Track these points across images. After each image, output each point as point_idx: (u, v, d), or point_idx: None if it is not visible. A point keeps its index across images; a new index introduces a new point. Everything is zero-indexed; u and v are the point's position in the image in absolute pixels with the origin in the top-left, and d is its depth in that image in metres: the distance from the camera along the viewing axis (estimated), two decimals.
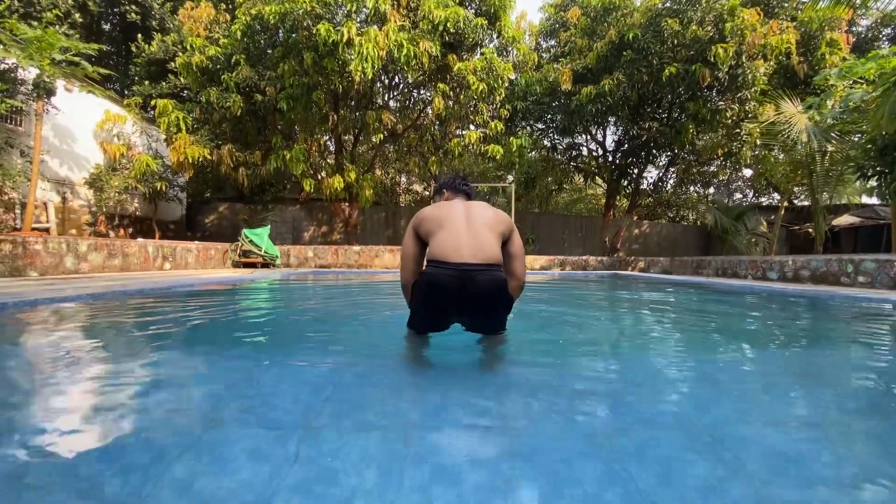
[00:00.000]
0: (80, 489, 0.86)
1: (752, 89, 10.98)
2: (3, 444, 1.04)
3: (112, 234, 10.96)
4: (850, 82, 8.47)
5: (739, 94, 11.32)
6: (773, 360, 2.18)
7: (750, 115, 11.67)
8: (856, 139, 9.00)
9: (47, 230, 8.58)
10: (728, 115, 11.83)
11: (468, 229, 1.94)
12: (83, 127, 10.39)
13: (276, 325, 3.06)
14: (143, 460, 0.97)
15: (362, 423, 1.22)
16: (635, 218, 17.27)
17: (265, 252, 9.69)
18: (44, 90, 7.78)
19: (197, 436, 1.10)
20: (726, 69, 10.57)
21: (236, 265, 9.72)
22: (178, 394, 1.47)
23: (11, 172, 7.98)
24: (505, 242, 2.06)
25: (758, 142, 11.77)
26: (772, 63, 11.05)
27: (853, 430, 1.27)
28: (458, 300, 1.86)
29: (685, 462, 1.00)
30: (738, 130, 12.38)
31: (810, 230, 14.02)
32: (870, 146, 7.33)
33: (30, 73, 8.14)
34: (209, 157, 10.05)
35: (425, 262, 2.00)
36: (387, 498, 0.82)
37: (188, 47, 10.16)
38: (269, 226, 10.81)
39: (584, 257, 12.30)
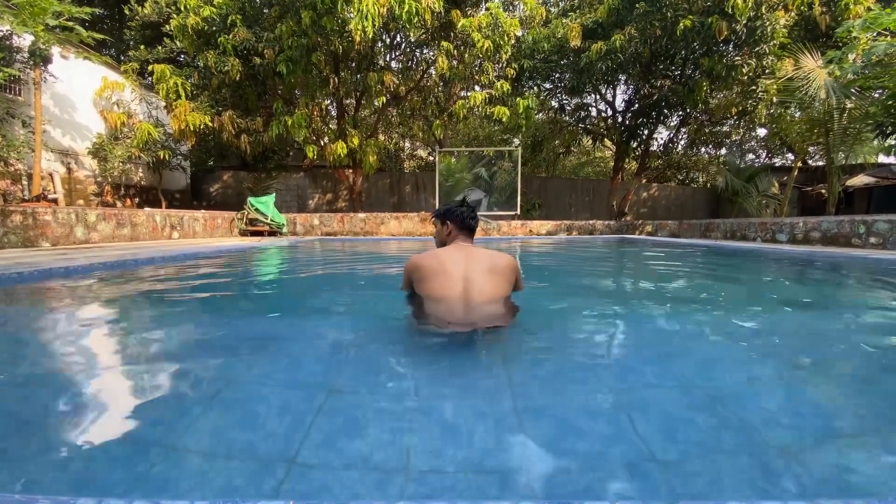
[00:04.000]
0: (114, 437, 0.91)
1: (771, 43, 10.46)
2: (45, 398, 1.10)
3: (119, 204, 11.01)
4: (874, 34, 8.03)
5: (757, 49, 10.79)
6: (772, 321, 2.19)
7: (767, 71, 11.18)
8: (876, 95, 8.64)
9: (55, 201, 8.64)
10: (744, 70, 11.33)
11: (468, 305, 1.75)
12: (82, 95, 10.24)
13: (289, 291, 3.12)
14: (171, 414, 1.02)
15: (377, 384, 1.26)
16: (644, 181, 16.98)
17: (271, 220, 9.72)
18: (40, 57, 7.62)
19: (221, 393, 1.15)
20: (744, 21, 10.04)
21: (243, 233, 9.78)
22: (199, 355, 1.52)
23: (15, 143, 7.95)
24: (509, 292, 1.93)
25: (774, 99, 11.34)
26: (793, 14, 10.47)
27: (845, 385, 1.30)
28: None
29: (683, 420, 1.03)
30: (753, 87, 11.90)
31: (823, 191, 13.73)
32: (891, 102, 7.04)
33: (24, 41, 7.95)
34: (210, 124, 9.91)
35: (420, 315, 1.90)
36: (404, 449, 0.86)
37: (182, 8, 9.81)
38: (274, 194, 10.79)
39: (590, 222, 12.21)
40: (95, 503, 0.62)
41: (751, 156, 20.11)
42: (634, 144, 14.44)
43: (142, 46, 11.39)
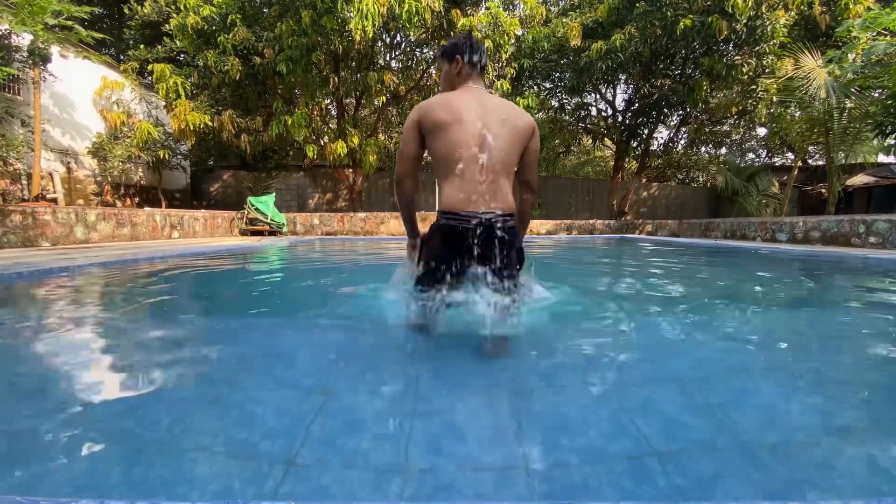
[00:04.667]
0: (114, 439, 0.91)
1: (771, 42, 10.46)
2: (41, 401, 1.10)
3: (119, 203, 11.01)
4: (874, 34, 8.04)
5: (757, 48, 10.80)
6: (772, 319, 2.19)
7: (767, 71, 11.19)
8: (876, 95, 8.65)
9: (55, 200, 8.64)
10: (744, 70, 11.34)
11: (486, 164, 1.61)
12: (82, 94, 10.23)
13: (290, 291, 3.12)
14: (172, 414, 1.02)
15: (376, 382, 1.26)
16: (644, 180, 16.98)
17: (271, 220, 9.72)
18: (39, 56, 7.62)
19: (221, 393, 1.15)
20: (744, 20, 10.05)
21: (243, 233, 9.78)
22: (200, 356, 1.52)
23: (14, 142, 7.95)
24: (523, 151, 1.77)
25: (774, 99, 11.35)
26: (793, 13, 10.47)
27: (843, 382, 1.30)
28: (470, 252, 1.65)
29: (684, 418, 1.03)
30: (753, 87, 11.91)
31: (823, 191, 13.74)
32: (890, 102, 7.05)
33: (24, 40, 7.95)
34: (210, 123, 9.91)
35: (437, 214, 1.75)
36: (401, 450, 0.87)
37: (182, 7, 9.80)
38: (274, 193, 10.78)
39: (590, 221, 12.21)
40: None
41: (751, 155, 20.12)
42: (634, 144, 14.45)
43: (141, 46, 11.40)
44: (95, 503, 0.62)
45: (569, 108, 14.70)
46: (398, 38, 11.68)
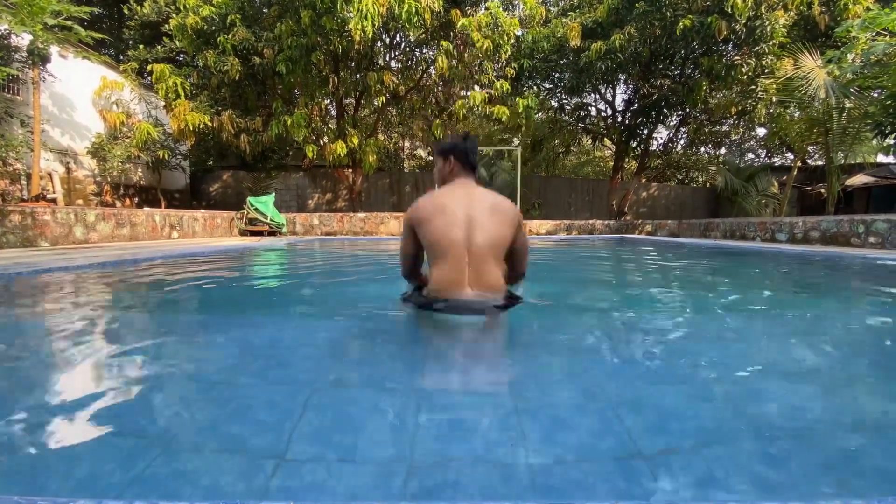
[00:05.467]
0: (111, 432, 0.91)
1: (770, 42, 10.47)
2: (42, 397, 1.10)
3: (118, 203, 11.00)
4: (873, 34, 8.05)
5: (756, 48, 10.81)
6: (772, 319, 2.19)
7: (766, 71, 11.20)
8: (875, 95, 8.65)
9: (54, 200, 8.63)
10: (743, 70, 11.34)
11: (471, 248, 1.70)
12: (81, 95, 10.22)
13: (288, 291, 3.11)
14: (167, 410, 1.02)
15: (370, 380, 1.26)
16: (643, 180, 16.98)
17: (271, 220, 9.72)
18: (38, 57, 7.62)
19: (219, 390, 1.15)
20: (744, 21, 10.05)
21: (243, 233, 9.78)
22: (197, 355, 1.52)
23: (14, 143, 7.94)
24: (511, 241, 1.85)
25: (773, 99, 11.35)
26: (792, 13, 10.48)
27: (839, 377, 1.30)
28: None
29: (685, 417, 1.03)
30: (753, 87, 11.91)
31: (822, 191, 13.75)
32: (889, 102, 7.05)
33: (23, 40, 7.94)
34: (210, 123, 9.90)
35: (421, 286, 1.93)
36: (395, 447, 0.86)
37: (181, 7, 9.80)
38: (274, 193, 10.78)
39: (590, 221, 12.21)
40: None
41: (750, 155, 20.13)
42: (634, 144, 14.45)
43: (141, 46, 11.39)
44: (94, 503, 0.62)
45: (568, 108, 14.70)
46: (398, 39, 11.68)
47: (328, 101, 12.49)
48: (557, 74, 13.18)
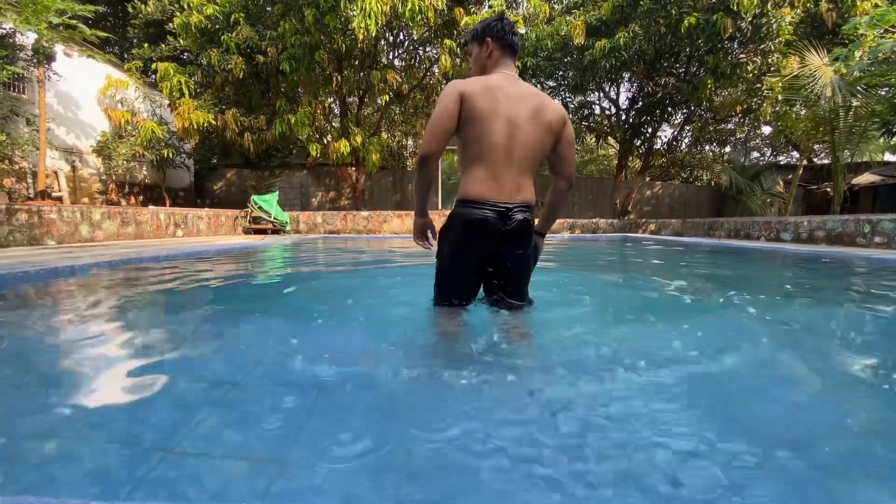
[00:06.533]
0: (116, 439, 0.92)
1: (777, 40, 10.39)
2: (44, 402, 1.11)
3: (123, 202, 11.05)
4: (881, 31, 7.97)
5: (762, 46, 10.73)
6: (780, 320, 2.18)
7: (772, 69, 11.11)
8: (882, 93, 8.58)
9: (60, 199, 8.68)
10: (749, 68, 11.26)
11: (513, 151, 1.59)
12: (86, 93, 10.26)
13: (292, 291, 3.12)
14: (173, 415, 1.03)
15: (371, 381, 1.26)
16: (647, 179, 16.89)
17: (275, 218, 9.74)
18: (43, 55, 7.65)
19: (222, 393, 1.15)
20: (750, 18, 9.98)
21: (247, 231, 9.81)
22: (202, 356, 1.53)
23: (20, 141, 7.99)
24: (556, 143, 1.69)
25: (779, 97, 11.27)
26: (799, 11, 10.39)
27: (842, 383, 1.29)
28: (493, 244, 1.65)
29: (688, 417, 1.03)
30: (758, 85, 11.83)
31: (828, 190, 13.65)
32: None
33: (28, 39, 7.98)
34: (214, 122, 9.93)
35: (455, 203, 1.73)
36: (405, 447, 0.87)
37: (185, 6, 9.82)
38: (278, 192, 10.81)
39: (594, 220, 12.18)
40: None
41: (755, 154, 19.99)
42: (638, 142, 14.39)
43: (145, 44, 11.41)
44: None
45: (572, 106, 14.65)
46: (401, 37, 11.66)
47: (332, 99, 12.50)
48: (561, 73, 13.13)
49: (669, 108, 13.21)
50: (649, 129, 13.89)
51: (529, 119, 1.60)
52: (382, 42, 11.30)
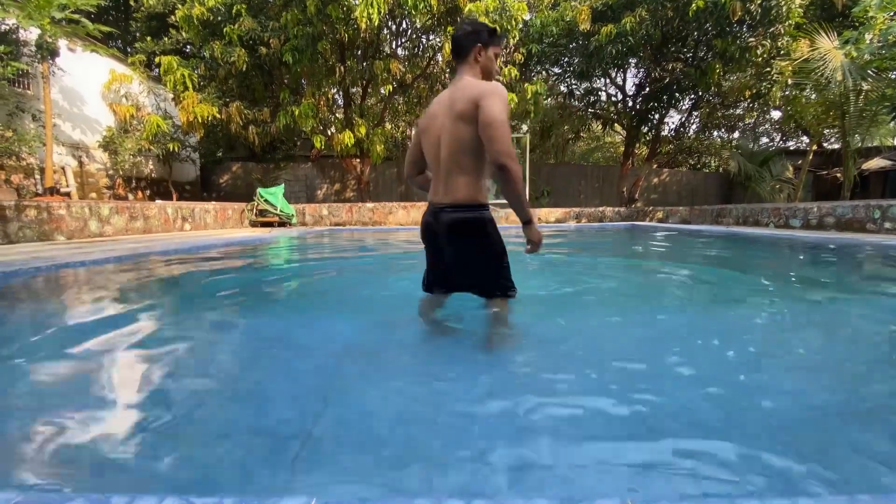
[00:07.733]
0: (133, 426, 0.95)
1: (786, 23, 10.17)
2: (50, 394, 1.14)
3: (130, 196, 11.13)
4: (892, 14, 7.77)
5: (772, 29, 10.50)
6: (789, 311, 2.18)
7: (782, 52, 10.90)
8: (893, 76, 8.40)
9: (68, 194, 8.75)
10: (758, 52, 11.04)
11: (440, 155, 1.63)
12: (91, 88, 10.28)
13: (299, 283, 3.15)
14: (188, 403, 1.05)
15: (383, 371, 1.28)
16: (655, 166, 16.73)
17: (281, 211, 9.78)
18: (47, 51, 7.66)
19: (237, 383, 1.18)
20: (759, 1, 9.76)
21: (254, 224, 9.86)
22: (216, 348, 1.56)
23: (26, 137, 8.04)
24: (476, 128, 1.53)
25: (789, 81, 11.06)
26: None
27: (842, 367, 1.30)
28: (438, 242, 1.72)
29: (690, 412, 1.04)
30: (768, 69, 11.61)
31: (838, 175, 13.45)
32: None
33: (31, 34, 7.98)
34: (218, 115, 9.93)
35: None
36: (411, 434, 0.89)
37: None
38: (283, 184, 10.84)
39: (600, 209, 12.11)
40: (102, 499, 0.63)
41: (764, 139, 19.68)
42: (645, 129, 14.22)
43: (148, 38, 11.38)
44: (100, 498, 0.64)
45: (578, 93, 14.48)
46: (404, 25, 11.53)
47: (335, 90, 12.43)
48: (567, 59, 12.96)
49: (677, 94, 13.02)
50: (656, 116, 13.71)
51: (446, 118, 1.59)
52: (385, 31, 11.18)
